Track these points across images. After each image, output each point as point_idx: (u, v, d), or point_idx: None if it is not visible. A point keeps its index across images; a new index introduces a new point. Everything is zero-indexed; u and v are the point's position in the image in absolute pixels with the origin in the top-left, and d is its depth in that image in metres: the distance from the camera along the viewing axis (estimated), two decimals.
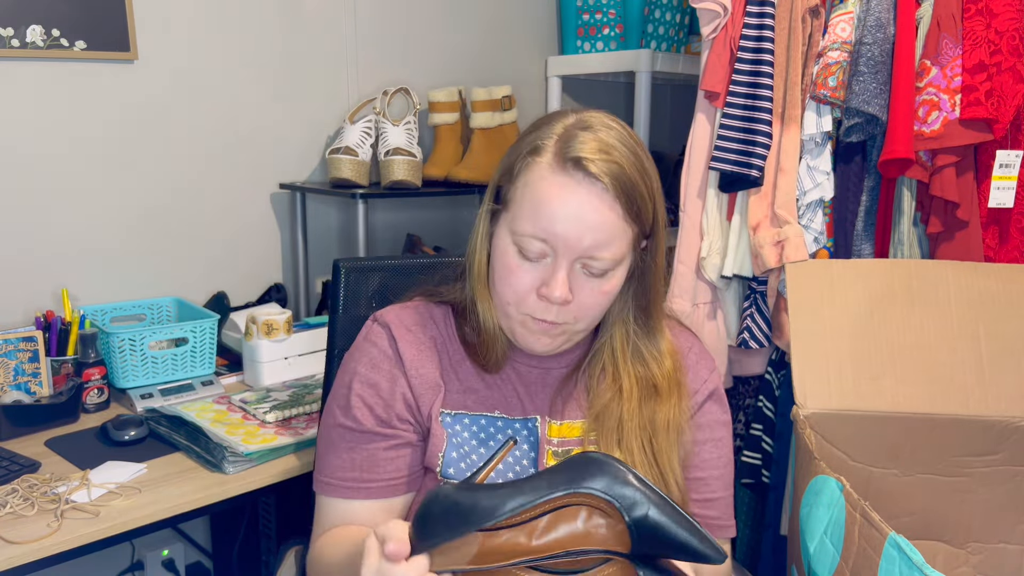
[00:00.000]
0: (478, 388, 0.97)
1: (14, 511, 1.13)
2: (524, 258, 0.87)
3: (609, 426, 0.94)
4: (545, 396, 0.98)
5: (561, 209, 0.84)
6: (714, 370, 1.03)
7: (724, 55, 1.53)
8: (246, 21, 1.88)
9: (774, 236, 1.49)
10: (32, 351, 1.46)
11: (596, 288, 0.88)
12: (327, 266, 2.03)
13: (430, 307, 1.00)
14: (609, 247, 0.86)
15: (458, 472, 0.93)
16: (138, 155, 1.77)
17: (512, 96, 2.12)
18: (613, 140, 0.86)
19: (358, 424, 0.94)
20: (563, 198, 0.84)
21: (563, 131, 0.87)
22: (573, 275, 0.87)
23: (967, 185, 1.42)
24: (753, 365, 1.68)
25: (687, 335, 1.04)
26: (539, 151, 0.87)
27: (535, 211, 0.85)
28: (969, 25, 1.37)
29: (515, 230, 0.87)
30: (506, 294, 0.90)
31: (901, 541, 0.82)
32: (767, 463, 1.65)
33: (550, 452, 0.95)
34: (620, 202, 0.84)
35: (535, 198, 0.85)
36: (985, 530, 1.26)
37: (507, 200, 0.89)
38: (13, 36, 1.56)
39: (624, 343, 0.96)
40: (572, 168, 0.84)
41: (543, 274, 0.87)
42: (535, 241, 0.85)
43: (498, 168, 0.93)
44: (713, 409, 1.01)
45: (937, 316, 1.26)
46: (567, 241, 0.84)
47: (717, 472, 1.00)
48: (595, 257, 0.86)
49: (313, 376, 1.67)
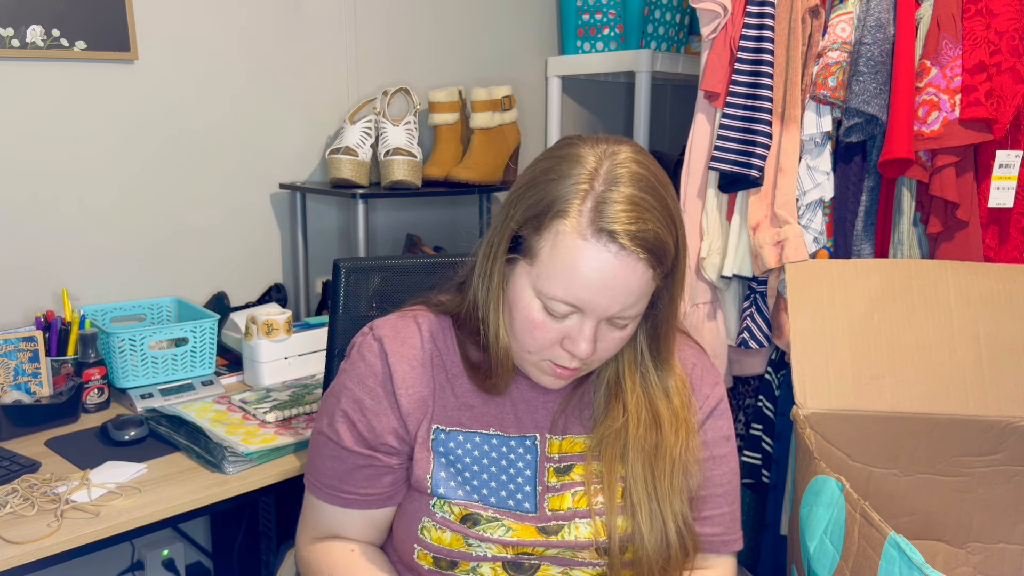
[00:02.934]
0: (474, 404, 0.95)
1: (14, 511, 1.13)
2: (550, 315, 0.86)
3: (614, 452, 0.93)
4: (546, 412, 0.96)
5: (594, 280, 0.82)
6: (717, 384, 1.02)
7: (724, 55, 1.53)
8: (246, 21, 1.88)
9: (774, 236, 1.49)
10: (32, 351, 1.46)
11: (617, 336, 0.89)
12: (327, 266, 2.03)
13: (430, 318, 0.98)
14: (636, 307, 0.86)
15: (449, 491, 0.92)
16: (138, 155, 1.77)
17: (512, 96, 2.12)
18: (644, 195, 0.83)
19: (339, 440, 0.94)
20: (596, 270, 0.82)
21: (589, 186, 0.83)
22: (598, 329, 0.87)
23: (967, 185, 1.42)
24: (753, 365, 1.69)
25: (692, 350, 1.03)
26: (567, 213, 0.82)
27: (567, 278, 0.83)
28: (969, 25, 1.37)
29: (542, 291, 0.85)
30: (528, 343, 0.89)
31: (901, 541, 0.82)
32: (767, 463, 1.65)
33: (551, 469, 0.94)
34: (652, 267, 0.84)
35: (567, 265, 0.83)
36: (985, 530, 1.26)
37: (531, 254, 0.86)
38: (13, 36, 1.56)
39: (633, 365, 0.95)
40: (607, 240, 0.81)
41: (568, 329, 0.86)
42: (564, 305, 0.85)
43: (514, 207, 0.88)
44: (716, 425, 1.00)
45: (937, 316, 1.26)
46: (596, 308, 0.84)
47: (721, 489, 0.99)
48: (622, 317, 0.86)
49: (313, 376, 1.67)
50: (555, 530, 0.91)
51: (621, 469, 0.93)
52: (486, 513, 0.91)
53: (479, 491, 0.92)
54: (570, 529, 0.91)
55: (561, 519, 0.92)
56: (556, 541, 0.90)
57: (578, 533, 0.91)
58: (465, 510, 0.90)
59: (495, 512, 0.91)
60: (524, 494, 0.92)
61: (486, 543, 0.89)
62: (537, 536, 0.90)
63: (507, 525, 0.90)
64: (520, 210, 0.87)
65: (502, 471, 0.93)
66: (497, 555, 0.90)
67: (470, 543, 0.89)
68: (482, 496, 0.92)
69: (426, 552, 0.91)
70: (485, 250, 0.91)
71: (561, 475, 0.94)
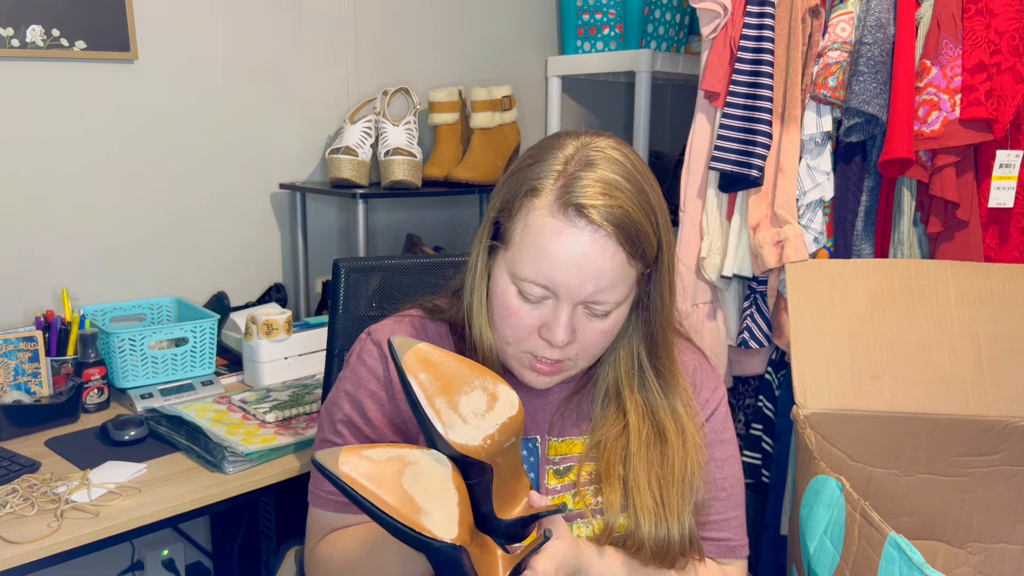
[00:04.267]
0: None
1: (14, 511, 1.13)
2: (525, 300, 0.85)
3: (613, 454, 0.92)
4: (545, 414, 0.96)
5: (563, 257, 0.81)
6: (718, 387, 1.01)
7: (724, 55, 1.53)
8: (246, 21, 1.88)
9: (774, 236, 1.49)
10: (32, 351, 1.46)
11: (598, 328, 0.87)
12: (327, 266, 2.03)
13: (427, 323, 0.98)
14: (612, 291, 0.84)
15: None
16: (138, 155, 1.77)
17: (512, 96, 2.12)
18: (617, 176, 0.82)
19: (344, 443, 0.94)
20: (564, 246, 0.81)
21: (563, 167, 0.83)
22: (575, 316, 0.85)
23: (967, 185, 1.42)
24: (753, 365, 1.68)
25: (692, 354, 1.02)
26: (538, 192, 0.83)
27: (536, 257, 0.82)
28: (969, 25, 1.37)
29: (515, 273, 0.84)
30: (506, 333, 0.88)
31: (901, 541, 0.82)
32: (767, 463, 1.65)
33: (551, 471, 0.94)
34: (624, 247, 0.82)
35: (536, 244, 0.82)
36: (985, 530, 1.26)
37: (506, 239, 0.86)
38: (13, 36, 1.56)
39: (630, 368, 0.94)
40: (574, 214, 0.81)
41: (545, 315, 0.85)
42: (536, 286, 0.83)
43: (495, 197, 0.89)
44: (714, 430, 0.99)
45: (937, 316, 1.26)
46: (569, 289, 0.82)
47: (724, 493, 0.98)
48: (598, 302, 0.84)
49: (313, 376, 1.67)
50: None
51: (621, 470, 0.92)
52: None
53: None
54: (571, 530, 0.91)
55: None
56: None
57: (579, 533, 0.91)
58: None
59: None
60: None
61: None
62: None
63: None
64: (499, 198, 0.88)
65: None
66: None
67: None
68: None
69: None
70: (473, 245, 0.92)
71: (560, 477, 0.94)
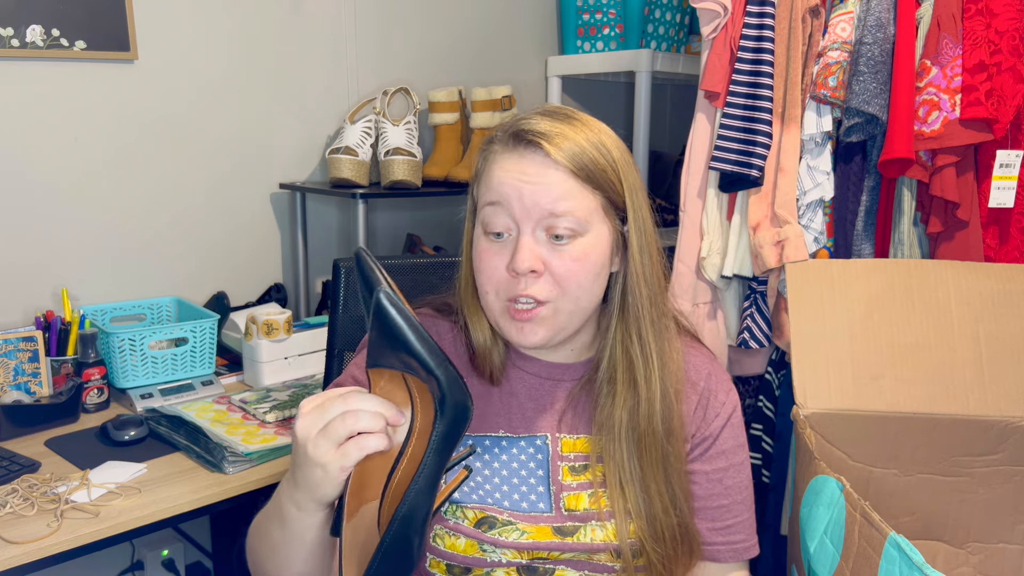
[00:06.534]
0: (482, 407, 0.94)
1: (14, 511, 1.13)
2: (491, 238, 0.88)
3: (617, 454, 0.91)
4: (554, 412, 0.96)
5: (510, 170, 0.86)
6: (731, 390, 1.01)
7: (724, 55, 1.53)
8: (246, 21, 1.88)
9: (774, 236, 1.49)
10: (32, 351, 1.46)
11: (567, 255, 0.86)
12: (327, 266, 2.03)
13: (437, 320, 0.99)
14: (564, 202, 0.84)
15: (463, 496, 0.90)
16: (138, 155, 1.77)
17: (512, 96, 2.12)
18: (566, 114, 0.89)
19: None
20: (511, 162, 0.87)
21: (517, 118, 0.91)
22: (540, 245, 0.86)
23: (967, 185, 1.42)
24: (753, 365, 1.68)
25: (703, 356, 1.01)
26: (494, 139, 0.90)
27: (488, 181, 0.88)
28: (969, 25, 1.37)
29: (478, 212, 0.90)
30: (483, 281, 0.89)
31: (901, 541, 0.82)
32: (767, 463, 1.65)
33: (565, 468, 0.93)
34: (566, 161, 0.85)
35: (490, 174, 0.88)
36: (985, 530, 1.26)
37: (476, 197, 0.92)
38: (13, 36, 1.56)
39: (622, 355, 0.93)
40: (515, 142, 0.87)
41: (512, 250, 0.87)
42: (491, 208, 0.87)
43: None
44: (731, 435, 0.99)
45: (937, 316, 1.26)
46: (521, 201, 0.85)
47: (740, 496, 0.98)
48: (555, 214, 0.84)
49: (313, 376, 1.67)
50: (571, 531, 0.90)
51: (624, 471, 0.92)
52: (501, 516, 0.89)
53: (492, 495, 0.91)
54: (586, 531, 0.90)
55: (577, 520, 0.91)
56: (572, 544, 0.89)
57: (594, 536, 0.90)
58: (481, 513, 0.89)
59: (510, 515, 0.90)
60: (538, 495, 0.91)
61: (500, 548, 0.88)
62: (553, 538, 0.89)
63: (521, 528, 0.89)
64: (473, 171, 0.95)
65: (513, 473, 0.92)
66: (512, 560, 0.89)
67: (484, 548, 0.88)
68: (496, 499, 0.90)
69: (439, 560, 0.90)
70: (464, 233, 0.96)
71: (576, 474, 0.93)
